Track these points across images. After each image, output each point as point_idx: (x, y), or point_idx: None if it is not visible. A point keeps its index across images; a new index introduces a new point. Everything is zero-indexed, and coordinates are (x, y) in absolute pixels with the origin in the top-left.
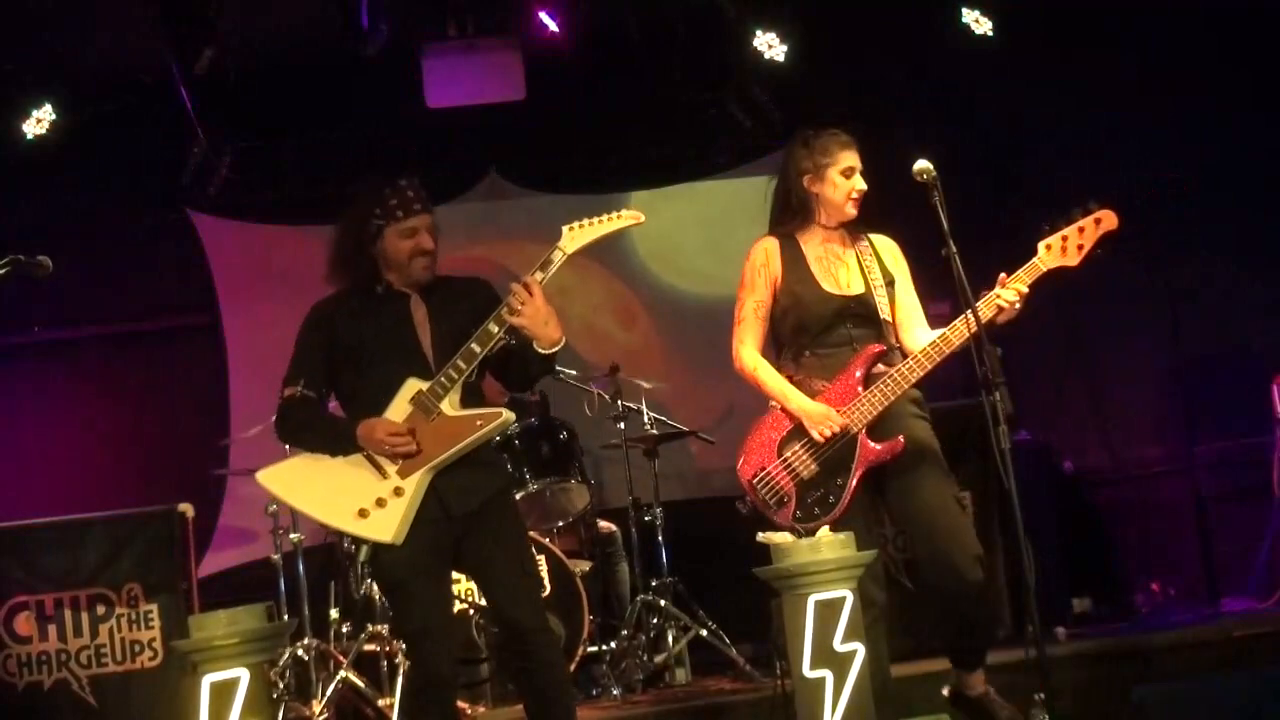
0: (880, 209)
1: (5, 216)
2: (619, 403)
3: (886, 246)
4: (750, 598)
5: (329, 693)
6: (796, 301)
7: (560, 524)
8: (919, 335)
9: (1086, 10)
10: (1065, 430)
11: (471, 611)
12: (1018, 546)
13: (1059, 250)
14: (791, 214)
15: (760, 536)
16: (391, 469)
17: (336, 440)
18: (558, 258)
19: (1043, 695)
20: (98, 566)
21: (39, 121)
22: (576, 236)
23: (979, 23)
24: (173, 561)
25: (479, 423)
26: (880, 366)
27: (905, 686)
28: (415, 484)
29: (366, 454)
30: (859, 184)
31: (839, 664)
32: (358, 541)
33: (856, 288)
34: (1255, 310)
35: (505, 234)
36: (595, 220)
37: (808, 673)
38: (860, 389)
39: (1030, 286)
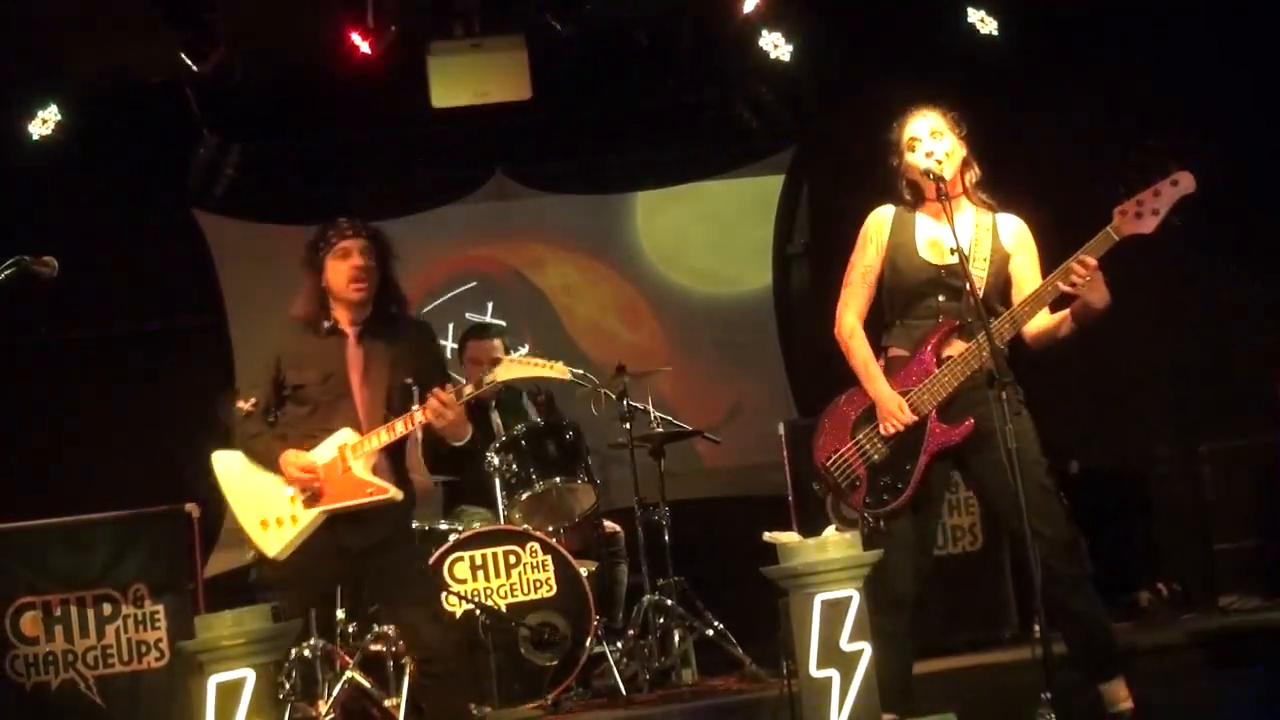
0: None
1: (11, 217)
2: (625, 402)
3: (1009, 225)
4: (757, 597)
5: (335, 693)
6: (895, 269)
7: (566, 524)
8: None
9: (1087, 11)
10: (1070, 430)
11: (477, 611)
12: (1024, 546)
13: (1133, 216)
14: (903, 191)
15: (766, 536)
16: (299, 498)
17: (269, 459)
18: (488, 381)
19: (1049, 694)
20: (104, 567)
21: (44, 122)
22: (511, 369)
23: (984, 22)
24: (179, 562)
25: (369, 491)
26: (957, 342)
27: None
28: (309, 518)
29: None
30: (922, 152)
31: (846, 663)
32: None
33: (954, 259)
34: (1257, 310)
35: (511, 234)
36: (535, 362)
37: (814, 672)
38: (934, 366)
39: (1105, 257)
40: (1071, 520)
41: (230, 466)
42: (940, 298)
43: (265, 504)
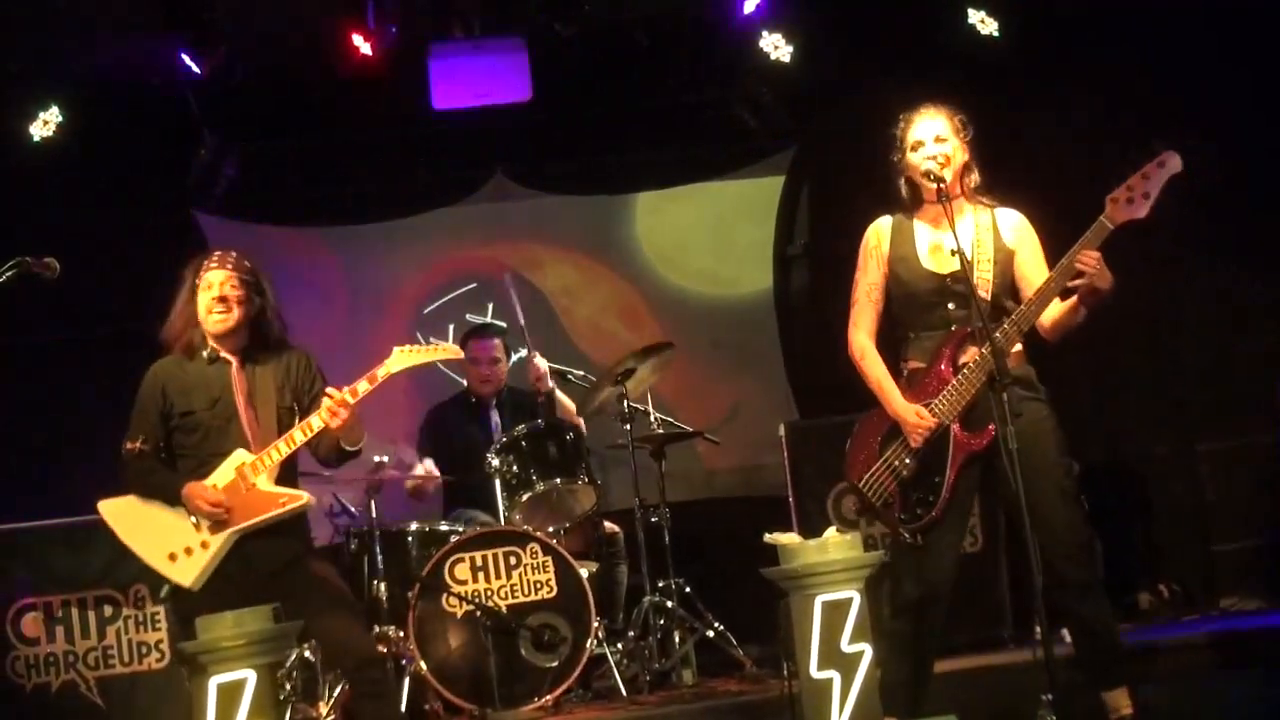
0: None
1: (12, 218)
2: (625, 403)
3: (1008, 219)
4: (757, 598)
5: (336, 694)
6: (899, 282)
7: (566, 525)
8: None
9: (1087, 10)
10: (1069, 431)
11: (478, 613)
12: (1024, 547)
13: (1124, 203)
14: (903, 196)
15: (767, 537)
16: (204, 525)
17: (167, 494)
18: (381, 374)
19: (1050, 696)
20: (104, 568)
21: (45, 123)
22: (403, 359)
23: (984, 23)
24: None
25: (282, 501)
26: (972, 348)
27: None
28: (220, 542)
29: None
30: (924, 155)
31: (846, 665)
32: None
33: (958, 264)
34: (1257, 310)
35: (511, 235)
36: (424, 348)
37: (815, 674)
38: (951, 375)
39: (1103, 247)
40: (1088, 525)
41: (122, 512)
42: (950, 305)
43: (169, 537)
